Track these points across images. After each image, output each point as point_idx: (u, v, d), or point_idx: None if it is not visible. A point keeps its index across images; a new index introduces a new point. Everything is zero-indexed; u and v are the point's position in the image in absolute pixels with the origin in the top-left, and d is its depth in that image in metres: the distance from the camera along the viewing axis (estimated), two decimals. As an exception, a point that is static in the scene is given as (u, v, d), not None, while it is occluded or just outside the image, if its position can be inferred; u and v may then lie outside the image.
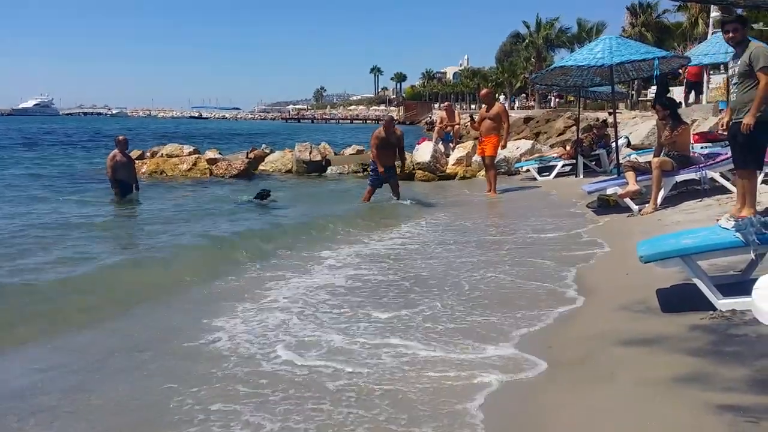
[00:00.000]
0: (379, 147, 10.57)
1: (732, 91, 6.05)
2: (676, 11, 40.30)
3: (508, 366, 3.54)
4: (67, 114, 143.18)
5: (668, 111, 8.10)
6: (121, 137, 12.64)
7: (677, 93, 25.12)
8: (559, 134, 23.23)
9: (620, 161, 10.05)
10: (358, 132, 53.14)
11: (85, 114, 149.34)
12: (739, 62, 5.78)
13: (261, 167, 17.39)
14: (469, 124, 12.46)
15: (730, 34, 5.81)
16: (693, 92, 21.26)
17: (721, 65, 13.58)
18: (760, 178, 7.89)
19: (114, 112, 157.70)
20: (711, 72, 23.23)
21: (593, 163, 13.44)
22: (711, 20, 25.33)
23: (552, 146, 18.72)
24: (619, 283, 4.88)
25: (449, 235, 7.97)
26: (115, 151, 12.31)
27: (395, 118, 16.59)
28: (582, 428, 2.68)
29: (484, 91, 12.52)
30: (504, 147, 12.33)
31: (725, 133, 6.88)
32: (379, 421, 2.93)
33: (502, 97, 56.22)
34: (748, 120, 5.63)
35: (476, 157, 15.86)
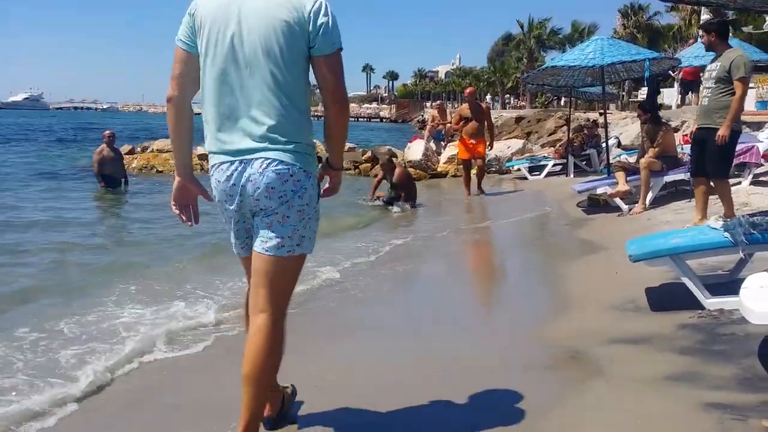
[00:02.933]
0: None
1: (704, 95, 6.02)
2: (668, 11, 40.49)
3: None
4: (57, 108, 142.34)
5: (649, 115, 8.18)
6: (107, 132, 12.67)
7: (668, 95, 25.25)
8: (550, 134, 23.29)
9: (610, 161, 10.09)
10: (350, 129, 53.08)
11: (75, 108, 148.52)
12: (716, 67, 5.76)
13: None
14: (454, 120, 12.07)
15: (702, 39, 6.00)
16: (690, 92, 21.42)
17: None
18: (747, 181, 7.97)
19: (104, 106, 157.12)
20: (701, 74, 23.39)
21: (584, 162, 13.49)
22: (701, 22, 25.51)
23: (543, 146, 18.79)
24: (608, 282, 4.90)
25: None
26: (102, 145, 12.31)
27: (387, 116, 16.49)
28: (571, 426, 2.69)
29: (469, 89, 12.04)
30: (492, 147, 12.29)
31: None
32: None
33: (488, 96, 56.32)
34: (723, 131, 5.58)
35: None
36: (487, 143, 11.50)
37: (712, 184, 6.02)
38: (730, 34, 16.46)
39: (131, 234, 8.30)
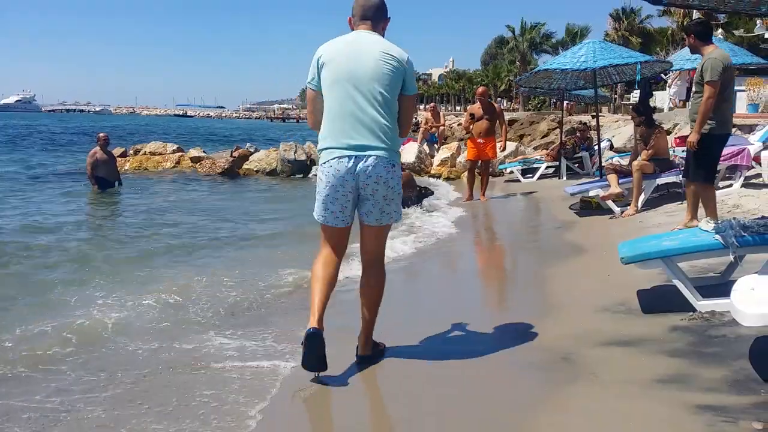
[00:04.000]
0: None
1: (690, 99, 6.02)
2: (660, 15, 40.65)
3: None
4: (50, 111, 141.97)
5: (643, 117, 8.20)
6: (102, 134, 12.65)
7: (660, 98, 25.38)
8: (543, 136, 23.35)
9: (602, 164, 10.12)
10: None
11: (68, 111, 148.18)
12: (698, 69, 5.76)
13: (245, 166, 17.32)
14: (464, 123, 11.88)
15: (686, 43, 5.91)
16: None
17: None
18: (739, 183, 7.99)
19: (97, 109, 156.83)
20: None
21: (576, 165, 13.52)
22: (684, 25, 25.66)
23: (535, 148, 18.83)
24: (600, 284, 4.90)
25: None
26: (96, 148, 12.30)
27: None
28: (561, 428, 2.68)
29: (480, 89, 11.70)
30: (504, 149, 12.09)
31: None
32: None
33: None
34: (692, 137, 5.55)
35: (463, 157, 15.87)
36: (499, 143, 11.34)
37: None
38: (723, 37, 16.41)
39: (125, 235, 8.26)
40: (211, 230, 8.68)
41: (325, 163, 3.26)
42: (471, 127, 10.84)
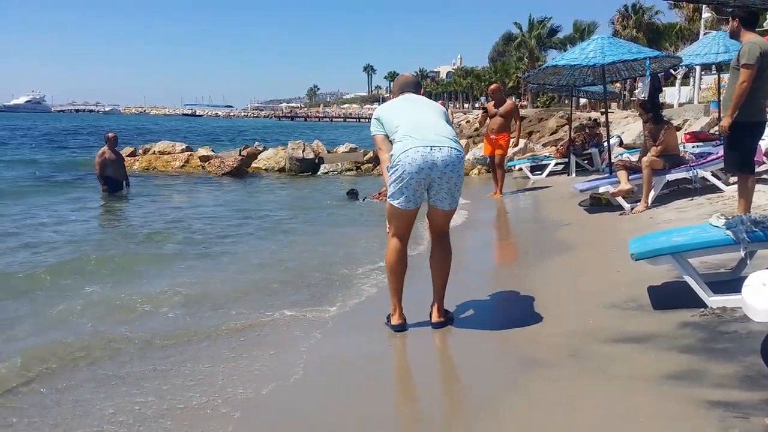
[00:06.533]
0: None
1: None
2: (671, 8, 40.39)
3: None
4: (59, 111, 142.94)
5: (651, 114, 8.15)
6: (111, 134, 12.68)
7: (669, 93, 25.24)
8: (552, 133, 23.30)
9: (612, 160, 10.06)
10: (352, 130, 53.20)
11: (77, 111, 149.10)
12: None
13: (254, 165, 17.37)
14: (480, 116, 12.50)
15: (730, 26, 5.70)
16: None
17: (713, 65, 13.61)
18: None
19: (107, 109, 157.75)
20: (703, 72, 23.36)
21: (585, 161, 13.48)
22: (703, 20, 25.46)
23: (545, 145, 18.79)
24: (610, 280, 4.88)
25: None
26: (104, 147, 12.34)
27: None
28: (572, 424, 2.68)
29: (493, 86, 11.97)
30: (516, 145, 12.25)
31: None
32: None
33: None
34: (724, 122, 5.42)
35: (472, 155, 15.89)
36: (512, 138, 11.44)
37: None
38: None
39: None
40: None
41: (401, 153, 3.75)
42: (487, 122, 11.20)
